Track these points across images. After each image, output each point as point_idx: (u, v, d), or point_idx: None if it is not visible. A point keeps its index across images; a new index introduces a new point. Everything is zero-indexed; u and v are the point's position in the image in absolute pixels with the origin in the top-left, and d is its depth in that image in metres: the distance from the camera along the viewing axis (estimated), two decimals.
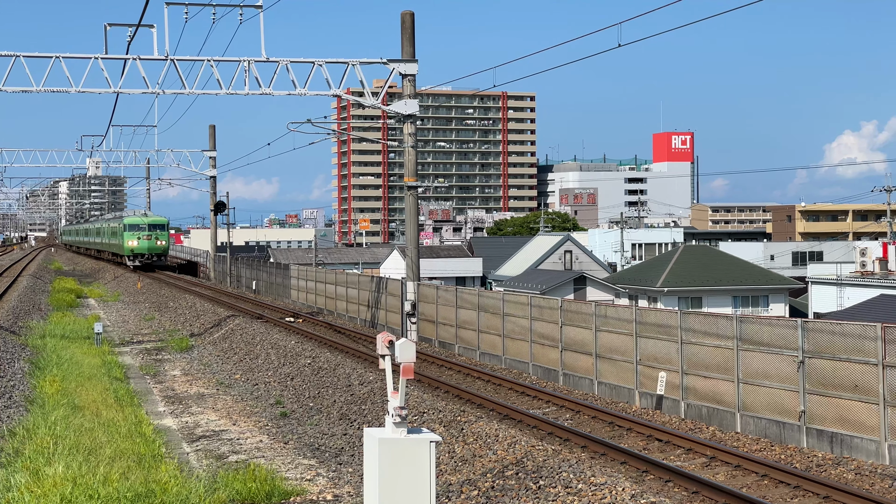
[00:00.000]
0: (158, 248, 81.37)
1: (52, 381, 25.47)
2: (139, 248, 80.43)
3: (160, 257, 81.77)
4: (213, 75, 34.77)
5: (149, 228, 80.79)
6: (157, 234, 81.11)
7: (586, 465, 16.40)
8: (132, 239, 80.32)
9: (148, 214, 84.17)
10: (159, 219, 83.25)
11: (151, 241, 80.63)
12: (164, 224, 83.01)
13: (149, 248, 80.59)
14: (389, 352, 12.64)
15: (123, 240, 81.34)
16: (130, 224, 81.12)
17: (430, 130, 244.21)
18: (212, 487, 15.91)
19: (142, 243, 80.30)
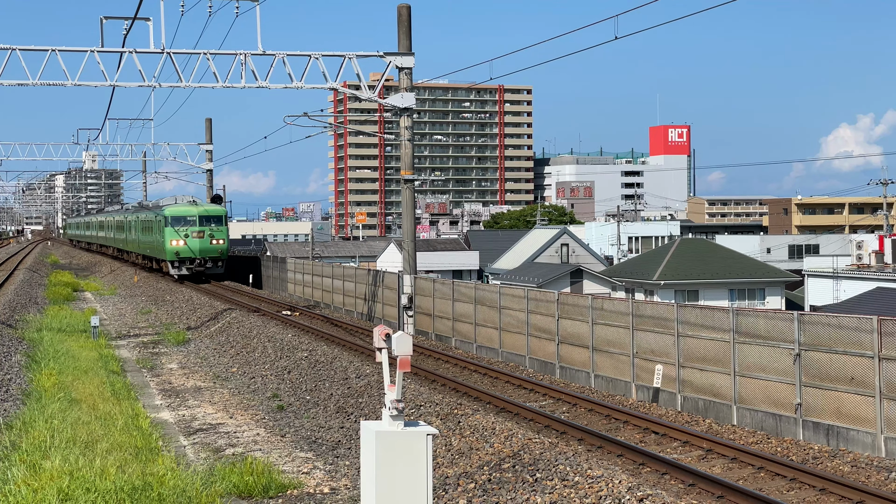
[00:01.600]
0: (215, 250, 58.19)
1: (48, 374, 25.47)
2: (187, 250, 57.80)
3: (217, 263, 58.50)
4: (210, 68, 34.73)
5: (200, 221, 58.16)
6: (213, 229, 58.08)
7: (583, 457, 16.42)
8: (176, 237, 57.80)
9: (198, 202, 60.69)
10: (215, 208, 59.93)
11: (204, 239, 58.00)
12: (221, 216, 59.21)
13: (201, 249, 57.89)
14: (386, 345, 12.64)
15: (164, 238, 58.36)
16: (174, 215, 58.19)
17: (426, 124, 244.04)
18: (209, 480, 15.92)
19: (191, 243, 57.85)
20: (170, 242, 57.93)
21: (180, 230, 57.81)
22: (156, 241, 61.74)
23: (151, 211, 64.15)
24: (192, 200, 61.11)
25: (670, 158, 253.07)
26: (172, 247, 57.92)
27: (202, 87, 35.80)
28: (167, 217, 58.28)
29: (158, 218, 60.37)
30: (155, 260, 64.70)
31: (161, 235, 59.23)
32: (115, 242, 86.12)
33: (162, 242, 59.12)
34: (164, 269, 61.89)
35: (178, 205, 60.09)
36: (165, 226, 58.29)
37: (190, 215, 58.32)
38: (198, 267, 58.13)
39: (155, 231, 61.70)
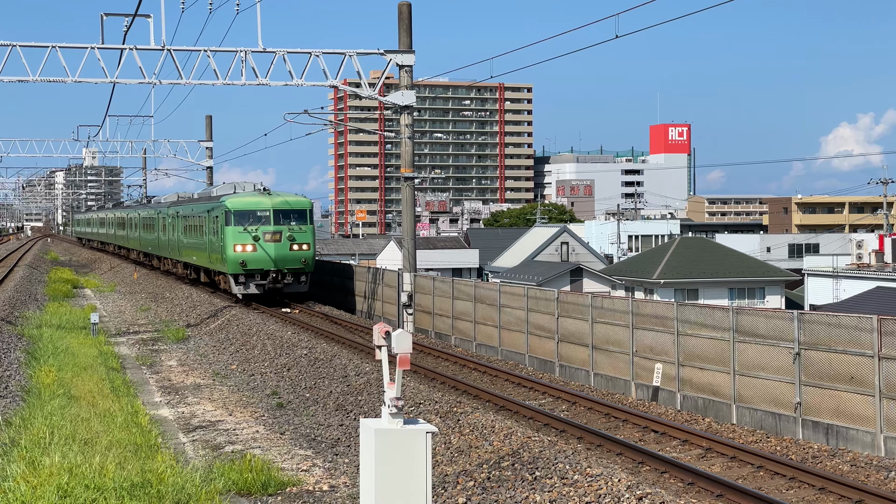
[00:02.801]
0: (296, 260, 41.17)
1: (48, 371, 25.47)
2: (259, 260, 40.89)
3: (299, 279, 41.66)
4: (210, 66, 34.72)
5: (276, 218, 41.25)
6: (294, 229, 41.31)
7: (582, 456, 16.42)
8: (242, 240, 40.91)
9: (270, 191, 43.06)
10: (295, 200, 42.59)
11: (282, 243, 40.99)
12: (304, 210, 42.27)
13: (278, 258, 40.96)
14: (386, 342, 12.64)
15: (224, 241, 41.51)
16: (239, 209, 41.47)
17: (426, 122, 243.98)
18: (208, 478, 15.92)
19: (264, 248, 40.85)
20: (232, 248, 40.52)
21: (248, 230, 40.52)
22: (209, 246, 44.52)
23: (201, 202, 47.54)
24: (261, 187, 43.62)
25: (670, 157, 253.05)
26: (236, 254, 40.50)
27: (202, 84, 35.79)
28: (229, 211, 40.91)
29: (214, 212, 43.33)
30: (206, 271, 47.72)
31: (219, 237, 42.18)
32: (142, 244, 68.49)
33: (220, 247, 41.93)
34: (220, 285, 44.57)
35: (242, 194, 42.99)
36: (226, 223, 40.89)
37: (261, 209, 40.98)
38: (273, 283, 40.51)
39: (207, 231, 44.80)
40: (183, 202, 54.84)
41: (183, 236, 51.92)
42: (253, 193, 42.91)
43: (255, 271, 40.92)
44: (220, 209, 42.30)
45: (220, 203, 42.47)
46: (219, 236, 42.43)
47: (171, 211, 55.80)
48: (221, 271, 43.33)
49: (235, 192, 44.99)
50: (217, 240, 42.91)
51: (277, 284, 41.00)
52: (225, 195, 43.56)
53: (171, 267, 58.02)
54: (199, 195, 52.69)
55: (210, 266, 45.50)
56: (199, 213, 47.44)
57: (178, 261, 55.35)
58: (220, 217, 42.08)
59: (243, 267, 40.82)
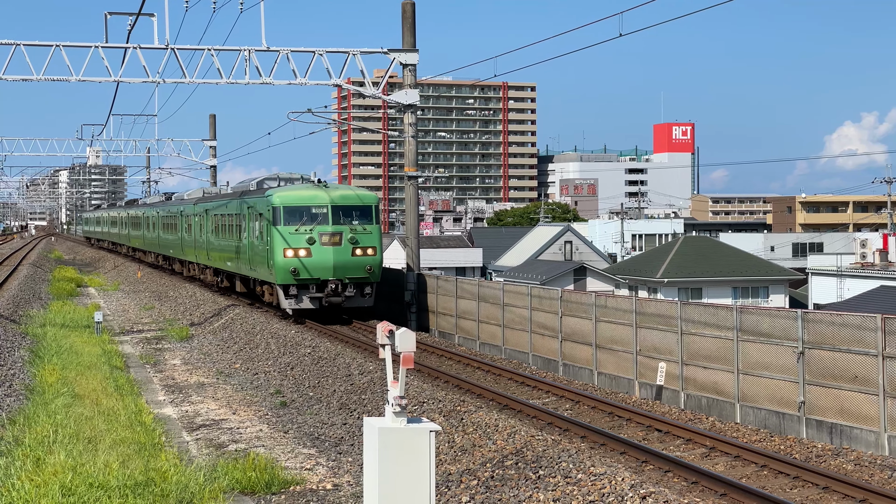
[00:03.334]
0: (359, 267, 34.16)
1: (52, 369, 25.50)
2: (314, 268, 33.90)
3: (363, 291, 34.54)
4: (214, 64, 34.74)
5: (335, 216, 34.15)
6: (357, 230, 34.30)
7: (586, 455, 16.41)
8: (293, 243, 33.93)
9: (327, 183, 36.13)
10: (357, 194, 35.35)
11: (343, 247, 34.05)
12: (369, 207, 34.89)
13: (337, 265, 33.89)
14: (389, 341, 12.64)
15: (271, 244, 34.51)
16: (289, 204, 34.35)
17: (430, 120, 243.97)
18: (211, 476, 15.93)
19: (320, 255, 33.88)
20: (281, 252, 33.52)
21: (302, 231, 33.60)
22: (249, 250, 37.39)
23: (237, 198, 40.15)
24: (313, 178, 36.07)
25: (674, 156, 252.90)
26: (286, 260, 33.46)
27: (206, 83, 35.81)
28: (277, 207, 33.88)
29: (256, 208, 36.31)
30: (243, 279, 40.91)
31: (263, 239, 35.14)
32: (161, 246, 61.34)
33: (265, 252, 34.94)
34: (263, 297, 37.70)
35: (291, 187, 35.54)
36: (273, 222, 33.91)
37: (317, 205, 33.92)
38: (331, 296, 33.59)
39: (248, 231, 37.59)
40: (211, 198, 47.31)
41: (213, 237, 44.61)
42: (305, 186, 35.15)
43: (310, 281, 33.56)
44: (265, 205, 34.75)
45: (265, 198, 34.85)
46: (263, 238, 35.00)
47: (198, 209, 48.29)
48: (266, 281, 36.02)
49: (281, 184, 37.67)
50: (261, 243, 35.47)
51: (337, 297, 33.52)
52: (270, 188, 36.01)
53: (198, 273, 50.58)
54: (234, 189, 45.04)
55: (250, 274, 37.99)
56: (234, 210, 40.16)
57: (205, 266, 48.07)
58: (266, 215, 34.67)
59: (295, 276, 33.39)
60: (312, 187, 34.99)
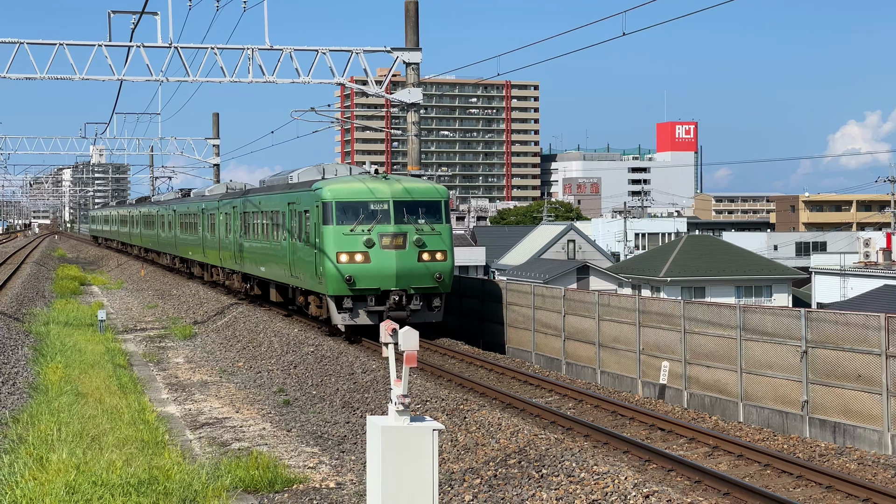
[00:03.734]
0: (427, 275, 28.84)
1: (55, 368, 25.52)
2: (373, 275, 28.53)
3: (430, 304, 29.21)
4: (217, 63, 34.72)
5: (397, 213, 28.84)
6: (423, 230, 29.02)
7: (589, 454, 16.41)
8: (348, 246, 28.65)
9: (383, 173, 30.09)
10: (425, 187, 30.05)
11: (407, 251, 28.77)
12: (439, 202, 29.66)
13: (401, 272, 28.53)
14: (392, 340, 12.65)
15: (322, 246, 29.05)
16: (345, 199, 29.03)
17: (433, 119, 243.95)
18: (215, 474, 15.94)
19: (380, 260, 28.60)
20: (334, 257, 28.36)
21: (357, 231, 28.47)
22: (291, 253, 32.11)
23: (275, 193, 35.21)
24: (369, 168, 30.49)
25: (677, 155, 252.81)
26: (340, 266, 28.27)
27: (209, 82, 35.76)
28: (328, 203, 28.78)
29: (300, 204, 31.23)
30: (280, 288, 35.74)
31: (312, 242, 29.78)
32: (178, 247, 56.31)
33: (313, 256, 29.65)
34: (308, 309, 31.84)
35: (344, 179, 30.11)
36: (324, 221, 28.85)
37: (377, 200, 28.71)
38: (394, 310, 28.36)
39: (289, 231, 32.48)
40: (237, 194, 42.80)
41: (243, 238, 39.54)
42: (360, 177, 29.63)
43: (368, 292, 28.27)
44: (313, 200, 29.54)
45: (313, 192, 29.71)
46: (311, 240, 29.73)
47: (224, 206, 43.60)
48: (312, 290, 30.57)
49: (325, 175, 32.19)
50: (307, 245, 30.22)
51: (400, 312, 28.19)
52: (317, 180, 30.78)
53: (222, 278, 45.89)
54: (269, 182, 39.18)
55: (290, 282, 32.82)
56: (272, 206, 34.94)
57: (232, 270, 43.10)
58: (314, 212, 29.44)
59: (350, 285, 28.06)
60: (370, 179, 29.30)
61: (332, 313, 29.01)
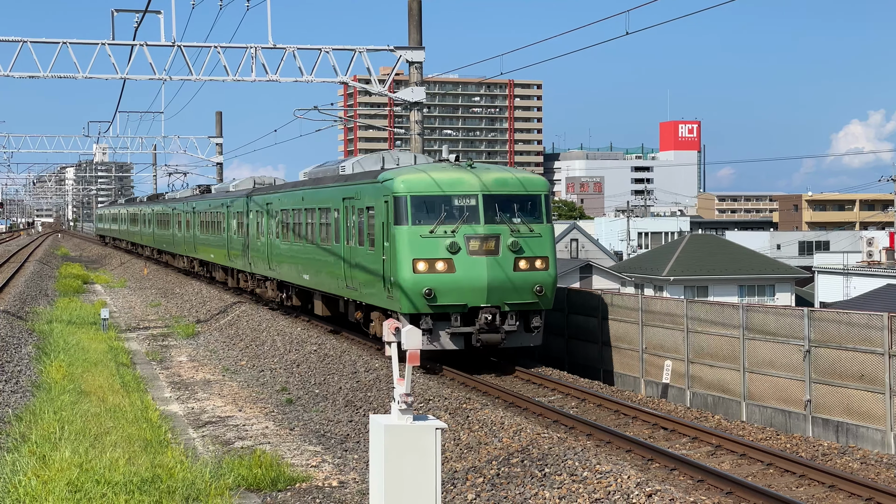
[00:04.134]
0: (526, 287, 23.45)
1: (58, 366, 25.55)
2: (462, 286, 23.17)
3: (529, 323, 23.80)
4: (220, 62, 34.74)
5: (491, 211, 23.51)
6: (522, 231, 23.65)
7: (591, 452, 16.41)
8: (428, 251, 23.32)
9: (472, 162, 24.77)
10: (520, 177, 24.39)
11: (501, 257, 23.33)
12: (538, 196, 24.20)
13: (496, 283, 23.18)
14: (396, 339, 12.65)
15: (393, 251, 23.64)
16: (422, 192, 23.65)
17: (436, 118, 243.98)
18: (217, 473, 15.95)
19: (467, 268, 23.20)
20: (409, 265, 23.46)
21: (438, 233, 23.56)
22: (351, 259, 26.91)
23: (324, 186, 29.89)
24: (448, 156, 25.35)
25: (680, 154, 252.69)
26: (416, 277, 23.40)
27: (213, 81, 35.81)
28: (401, 197, 23.88)
29: (362, 199, 26.16)
30: (334, 301, 30.16)
31: (380, 246, 24.75)
32: (199, 249, 51.12)
33: (382, 264, 24.54)
34: (370, 328, 26.68)
35: (421, 167, 24.97)
36: (395, 220, 23.91)
37: (462, 193, 23.83)
38: (485, 332, 23.45)
39: (349, 231, 27.24)
40: (266, 189, 38.59)
41: (280, 240, 34.64)
42: (439, 166, 24.51)
43: (453, 310, 23.20)
44: (380, 195, 24.53)
45: (380, 184, 24.69)
46: (377, 244, 24.64)
47: (255, 203, 38.59)
48: (379, 306, 25.08)
49: (386, 164, 27.39)
50: (369, 251, 25.23)
51: (493, 334, 23.26)
52: (382, 170, 25.84)
53: (252, 285, 40.43)
54: (313, 174, 33.06)
55: (347, 294, 27.23)
56: (321, 202, 29.76)
57: (264, 277, 37.97)
58: (381, 209, 24.40)
59: (429, 301, 22.96)
60: (451, 168, 24.25)
61: (404, 340, 21.60)
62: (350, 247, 27.06)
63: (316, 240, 30.40)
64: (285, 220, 34.40)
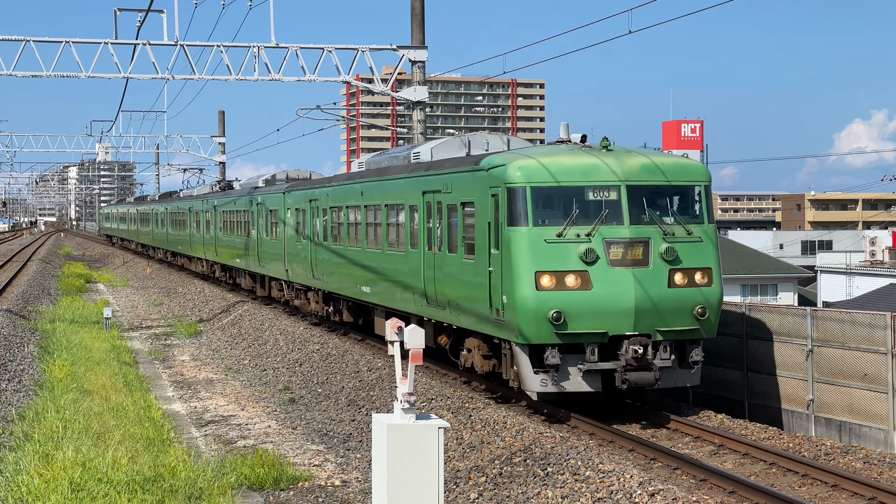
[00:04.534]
0: (683, 308, 18.31)
1: (61, 365, 25.56)
2: (600, 308, 17.88)
3: (688, 355, 18.70)
4: (223, 61, 34.77)
5: (636, 209, 18.26)
6: (677, 235, 18.40)
7: (594, 452, 16.41)
8: (554, 260, 17.93)
9: (608, 143, 19.19)
10: (672, 164, 19.14)
11: (653, 269, 18.11)
12: (693, 187, 18.90)
13: (646, 304, 17.93)
14: (398, 338, 12.65)
15: (507, 261, 18.16)
16: (546, 183, 18.19)
17: (439, 117, 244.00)
18: (220, 472, 15.96)
19: (612, 282, 17.92)
20: (531, 281, 18.07)
21: (568, 236, 18.19)
22: (441, 270, 21.56)
23: (409, 175, 23.89)
24: (577, 136, 20.15)
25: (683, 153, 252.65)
26: (540, 296, 18.03)
27: (215, 80, 35.83)
28: (518, 189, 18.41)
29: (453, 194, 20.95)
30: (427, 323, 22.54)
31: (485, 252, 19.30)
32: (221, 252, 46.15)
33: (490, 278, 19.10)
34: (471, 361, 20.97)
35: (541, 151, 19.77)
36: (511, 220, 18.44)
37: (597, 184, 18.52)
38: (633, 368, 18.17)
39: (431, 233, 22.06)
40: (304, 184, 33.68)
41: (328, 244, 29.49)
42: (563, 149, 19.53)
43: (588, 339, 18.25)
44: (485, 186, 19.34)
45: (485, 173, 19.40)
46: (480, 251, 19.50)
47: (293, 199, 33.71)
48: (483, 332, 19.95)
49: (472, 149, 22.56)
50: (467, 260, 20.16)
51: (644, 373, 18.27)
52: (486, 154, 20.26)
53: (288, 294, 35.52)
54: (373, 163, 28.49)
55: (430, 314, 22.27)
56: (390, 197, 24.77)
57: (305, 287, 32.70)
58: (486, 205, 19.25)
59: (557, 327, 18.01)
60: (578, 151, 19.25)
61: (522, 372, 18.41)
62: (434, 254, 21.60)
63: (381, 244, 25.11)
64: (336, 219, 29.17)
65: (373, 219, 26.07)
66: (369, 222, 26.34)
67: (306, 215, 31.87)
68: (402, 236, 23.72)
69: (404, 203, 23.64)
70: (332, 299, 30.67)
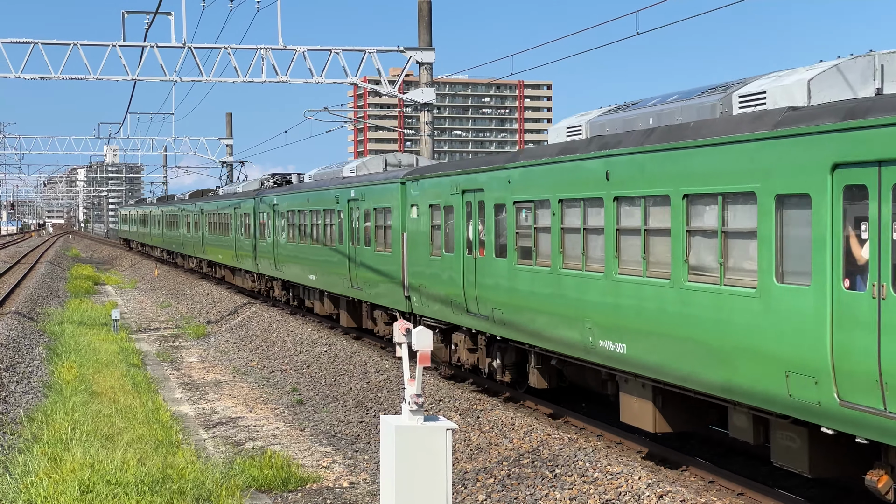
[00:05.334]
0: None
1: (69, 367, 25.61)
2: None
3: None
4: (231, 63, 34.84)
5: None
6: None
7: (602, 453, 16.39)
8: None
9: None
10: None
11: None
12: None
13: None
14: (406, 339, 12.65)
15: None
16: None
17: (446, 119, 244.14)
18: (228, 474, 15.97)
19: None
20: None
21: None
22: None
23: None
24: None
25: None
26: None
27: (223, 82, 35.92)
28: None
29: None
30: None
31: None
32: (301, 265, 33.22)
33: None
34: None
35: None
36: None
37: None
38: None
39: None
40: (453, 168, 21.71)
41: (513, 264, 18.94)
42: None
43: None
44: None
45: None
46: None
47: (428, 190, 22.99)
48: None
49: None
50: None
51: None
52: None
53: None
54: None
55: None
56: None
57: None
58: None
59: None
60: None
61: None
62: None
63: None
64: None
65: (316, 220, 31.11)
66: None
67: (439, 212, 23.15)
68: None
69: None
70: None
